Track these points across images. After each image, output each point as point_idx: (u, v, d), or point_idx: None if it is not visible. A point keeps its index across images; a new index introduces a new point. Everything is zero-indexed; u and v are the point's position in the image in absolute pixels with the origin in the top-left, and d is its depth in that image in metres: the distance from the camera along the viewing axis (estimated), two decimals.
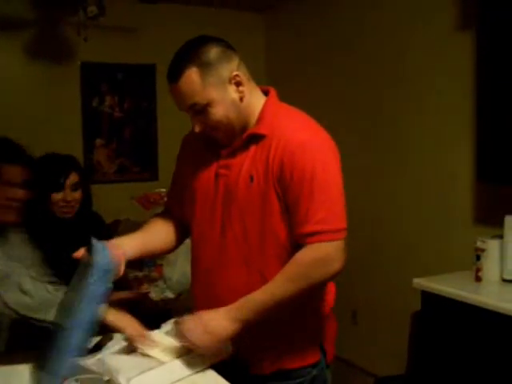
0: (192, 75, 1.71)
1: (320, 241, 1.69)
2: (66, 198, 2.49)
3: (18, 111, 4.26)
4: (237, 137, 1.81)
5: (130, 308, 3.08)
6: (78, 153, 4.30)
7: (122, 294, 2.57)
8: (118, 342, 1.88)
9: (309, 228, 1.69)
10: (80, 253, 1.77)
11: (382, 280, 3.96)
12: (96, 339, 1.91)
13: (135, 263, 3.25)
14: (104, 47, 4.50)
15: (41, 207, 2.47)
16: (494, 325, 2.66)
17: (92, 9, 3.58)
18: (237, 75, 1.76)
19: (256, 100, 1.83)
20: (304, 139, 1.73)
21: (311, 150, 1.72)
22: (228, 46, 1.80)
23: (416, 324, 3.17)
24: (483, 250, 2.93)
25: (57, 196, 2.47)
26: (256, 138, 1.78)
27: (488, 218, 3.21)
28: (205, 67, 1.71)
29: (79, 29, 3.71)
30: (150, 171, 4.81)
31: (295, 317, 1.84)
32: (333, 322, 1.99)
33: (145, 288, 3.28)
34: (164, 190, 3.72)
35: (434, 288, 2.96)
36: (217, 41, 1.78)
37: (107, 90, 4.66)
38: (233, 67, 1.76)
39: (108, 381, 1.57)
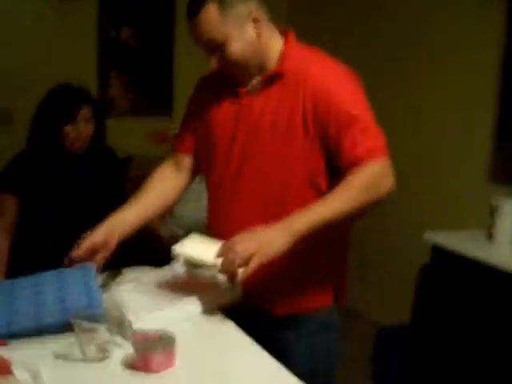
0: (211, 11, 1.69)
1: (374, 162, 1.70)
2: (78, 130, 2.43)
3: (33, 40, 4.18)
4: (253, 76, 1.80)
5: (139, 246, 3.11)
6: (92, 85, 4.21)
7: None
8: (127, 280, 1.87)
9: (361, 152, 1.70)
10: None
11: (393, 230, 3.95)
12: (103, 276, 1.91)
13: None
14: None
15: (52, 140, 2.42)
16: (502, 284, 2.64)
17: None
18: (256, 13, 1.74)
19: (274, 40, 1.82)
20: (331, 75, 1.76)
21: (343, 84, 1.75)
22: None
23: (424, 277, 3.16)
24: (498, 209, 2.89)
25: (68, 129, 2.41)
26: (279, 78, 1.77)
27: (505, 177, 3.16)
28: (224, 3, 1.70)
29: None
30: (164, 107, 4.72)
31: (310, 259, 1.84)
32: (345, 268, 1.99)
33: (155, 224, 3.27)
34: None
35: (444, 243, 2.94)
36: None
37: (124, 21, 4.55)
38: (252, 5, 1.74)
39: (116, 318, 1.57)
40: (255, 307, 1.87)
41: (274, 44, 1.81)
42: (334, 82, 1.75)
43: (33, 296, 1.64)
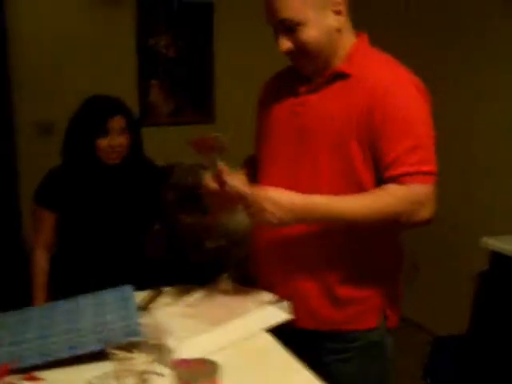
0: None
1: (414, 182, 1.60)
2: (112, 143, 2.34)
3: (71, 49, 4.14)
4: (318, 69, 1.72)
5: (183, 259, 3.03)
6: (132, 94, 4.21)
7: None
8: (168, 301, 1.77)
9: (403, 169, 1.60)
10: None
11: (448, 233, 3.79)
12: (143, 295, 1.82)
13: (186, 207, 3.18)
14: None
15: (86, 154, 2.35)
16: None
17: None
18: (340, 3, 1.66)
19: (348, 38, 1.73)
20: (395, 81, 1.66)
21: (403, 92, 1.65)
22: None
23: (482, 284, 3.00)
24: None
25: (102, 142, 2.33)
26: (341, 77, 1.70)
27: None
28: None
29: None
30: (206, 114, 4.65)
31: (359, 276, 1.74)
32: (398, 285, 1.86)
33: (201, 235, 3.18)
34: (220, 134, 3.60)
35: (503, 248, 2.78)
36: None
37: (163, 29, 4.49)
38: None
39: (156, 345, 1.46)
40: (300, 327, 1.77)
41: (347, 42, 1.72)
42: (398, 91, 1.64)
43: (68, 323, 1.56)
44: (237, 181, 1.69)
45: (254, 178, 1.92)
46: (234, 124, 3.65)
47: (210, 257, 3.12)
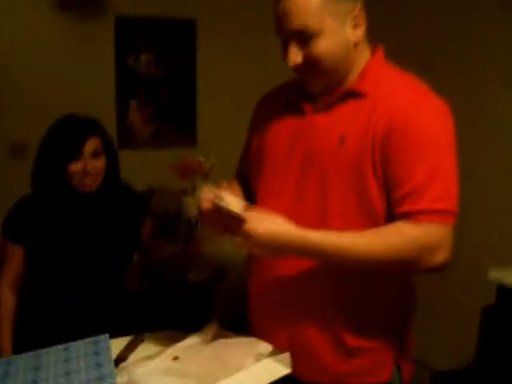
0: None
1: (433, 221, 1.41)
2: (86, 167, 2.12)
3: (46, 69, 3.94)
4: (328, 87, 1.56)
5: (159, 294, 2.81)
6: (110, 115, 4.02)
7: None
8: (147, 353, 1.54)
9: (418, 205, 1.41)
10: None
11: (452, 264, 3.63)
12: (121, 343, 1.60)
13: (166, 236, 3.00)
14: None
15: (57, 180, 2.13)
16: None
17: None
18: (359, 17, 1.51)
19: (363, 54, 1.57)
20: (417, 101, 1.48)
21: (424, 117, 1.46)
22: None
23: (488, 319, 2.83)
24: None
25: (75, 166, 2.11)
26: (353, 96, 1.53)
27: None
28: None
29: None
30: (188, 135, 4.46)
31: (370, 321, 1.55)
32: (411, 332, 1.66)
33: (185, 267, 2.98)
34: (203, 159, 3.42)
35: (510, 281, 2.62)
36: None
37: (143, 47, 4.29)
38: (357, 7, 1.51)
39: None
40: (303, 381, 1.57)
41: (362, 58, 1.57)
42: (417, 115, 1.46)
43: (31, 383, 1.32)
44: (234, 201, 1.51)
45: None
46: (216, 147, 3.48)
47: (192, 291, 2.90)
